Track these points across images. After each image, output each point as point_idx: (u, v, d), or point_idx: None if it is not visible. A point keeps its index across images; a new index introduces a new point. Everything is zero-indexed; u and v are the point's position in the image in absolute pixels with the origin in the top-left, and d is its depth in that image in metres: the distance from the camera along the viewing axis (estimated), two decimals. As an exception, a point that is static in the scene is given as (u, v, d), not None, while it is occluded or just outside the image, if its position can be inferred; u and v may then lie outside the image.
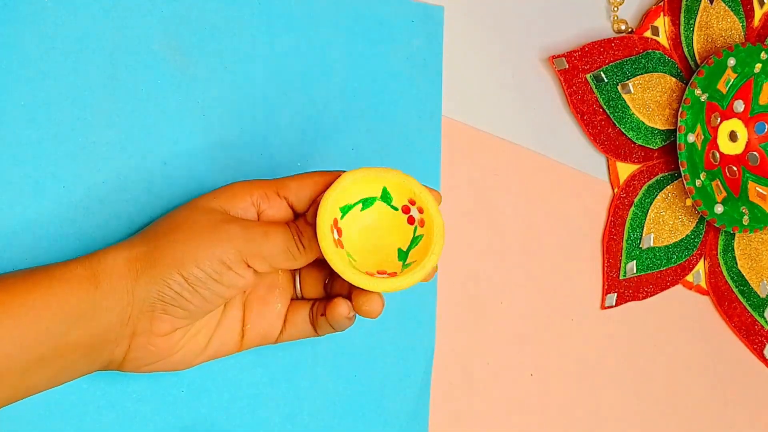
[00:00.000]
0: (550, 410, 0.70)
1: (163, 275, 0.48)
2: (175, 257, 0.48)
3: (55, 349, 0.47)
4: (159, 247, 0.49)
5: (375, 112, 0.62)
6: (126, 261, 0.49)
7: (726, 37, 0.74)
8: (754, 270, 0.76)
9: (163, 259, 0.48)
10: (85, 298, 0.48)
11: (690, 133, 0.71)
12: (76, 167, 0.53)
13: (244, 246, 0.49)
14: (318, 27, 0.61)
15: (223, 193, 0.52)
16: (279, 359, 0.59)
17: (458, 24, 0.66)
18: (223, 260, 0.49)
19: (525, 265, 0.69)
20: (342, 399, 0.61)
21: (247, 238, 0.49)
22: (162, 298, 0.49)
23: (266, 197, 0.52)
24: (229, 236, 0.49)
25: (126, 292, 0.48)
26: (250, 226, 0.50)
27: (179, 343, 0.51)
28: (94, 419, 0.54)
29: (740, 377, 0.77)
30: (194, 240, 0.49)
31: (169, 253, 0.49)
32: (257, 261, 0.50)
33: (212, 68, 0.57)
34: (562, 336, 0.70)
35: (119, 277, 0.48)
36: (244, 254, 0.49)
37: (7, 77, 0.52)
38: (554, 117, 0.70)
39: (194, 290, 0.49)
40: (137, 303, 0.49)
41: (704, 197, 0.71)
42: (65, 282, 0.48)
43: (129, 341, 0.49)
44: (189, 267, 0.48)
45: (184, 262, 0.48)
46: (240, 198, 0.51)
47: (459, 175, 0.66)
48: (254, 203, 0.52)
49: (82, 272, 0.48)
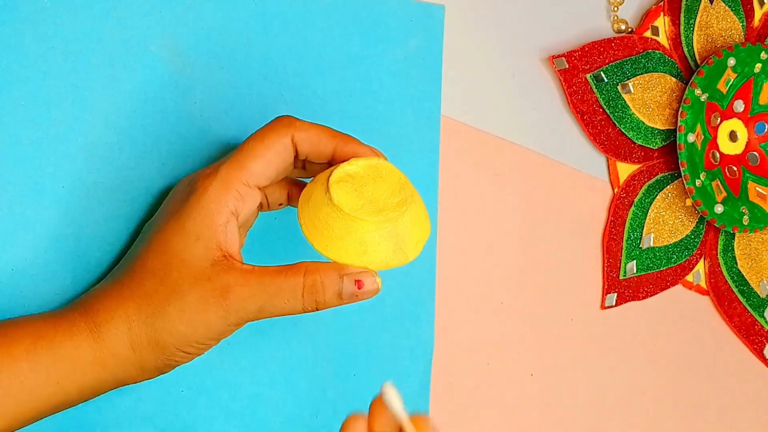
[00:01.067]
0: (550, 410, 0.70)
1: (167, 355, 0.49)
2: (175, 340, 0.49)
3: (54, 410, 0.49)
4: (157, 330, 0.49)
5: (374, 111, 0.62)
6: (130, 344, 0.49)
7: (726, 37, 0.74)
8: (754, 270, 0.76)
9: (164, 342, 0.49)
10: (90, 376, 0.49)
11: (690, 133, 0.71)
12: (76, 167, 0.53)
13: (241, 319, 0.49)
14: (316, 27, 0.60)
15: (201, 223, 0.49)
16: (279, 359, 0.59)
17: (458, 23, 0.66)
18: (221, 334, 0.49)
19: (525, 265, 0.69)
20: (342, 399, 0.61)
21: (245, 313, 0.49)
22: (169, 366, 0.50)
23: (240, 197, 0.50)
24: (226, 314, 0.49)
25: (135, 369, 0.50)
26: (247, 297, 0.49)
27: None
28: (94, 419, 0.54)
29: (740, 377, 0.77)
30: (191, 322, 0.48)
31: (168, 337, 0.49)
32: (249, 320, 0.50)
33: (210, 69, 0.57)
34: (562, 336, 0.70)
35: (125, 360, 0.49)
36: (241, 323, 0.49)
37: (7, 77, 0.52)
38: (554, 117, 0.70)
39: (197, 355, 0.50)
40: (146, 375, 0.50)
41: (704, 197, 0.71)
42: (69, 361, 0.48)
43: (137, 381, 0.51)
44: (190, 345, 0.49)
45: (184, 343, 0.49)
46: (218, 216, 0.49)
47: (458, 175, 0.66)
48: (232, 212, 0.50)
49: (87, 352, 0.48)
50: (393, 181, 0.51)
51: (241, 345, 0.58)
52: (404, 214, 0.50)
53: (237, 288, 0.48)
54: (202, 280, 0.49)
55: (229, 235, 0.50)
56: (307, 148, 0.52)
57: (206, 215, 0.49)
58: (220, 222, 0.49)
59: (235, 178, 0.50)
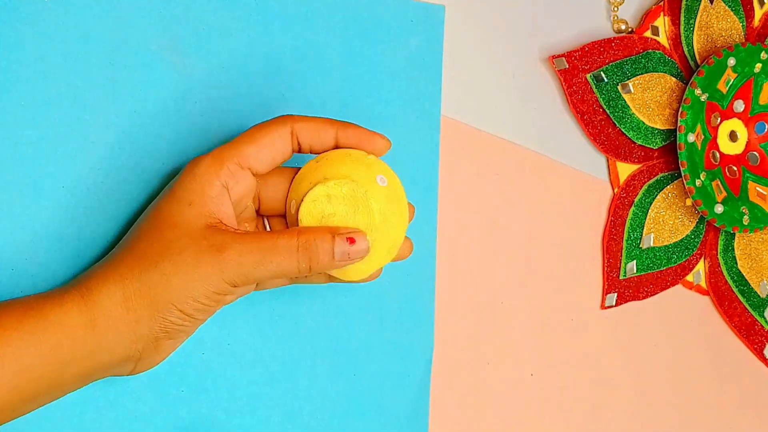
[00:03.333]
0: (550, 410, 0.70)
1: (163, 314, 0.48)
2: (170, 295, 0.48)
3: (49, 387, 0.47)
4: (153, 284, 0.48)
5: (374, 111, 0.62)
6: (123, 301, 0.48)
7: (726, 37, 0.74)
8: (754, 270, 0.76)
9: (159, 297, 0.48)
10: (82, 341, 0.47)
11: (690, 133, 0.71)
12: (76, 167, 0.53)
13: (238, 275, 0.49)
14: (316, 26, 0.61)
15: (193, 191, 0.50)
16: (279, 359, 0.59)
17: (458, 23, 0.66)
18: (217, 292, 0.49)
19: (525, 265, 0.69)
20: (342, 399, 0.61)
21: (241, 268, 0.49)
22: (165, 330, 0.49)
23: (232, 174, 0.51)
24: (222, 267, 0.49)
25: (128, 332, 0.48)
26: (244, 252, 0.49)
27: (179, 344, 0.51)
28: (94, 419, 0.54)
29: (740, 377, 0.77)
30: (186, 275, 0.48)
31: (163, 291, 0.48)
32: (247, 283, 0.50)
33: (210, 69, 0.57)
34: (562, 336, 0.70)
35: (119, 320, 0.48)
36: (238, 282, 0.49)
37: (7, 77, 0.52)
38: (554, 117, 0.70)
39: (194, 318, 0.49)
40: (140, 340, 0.49)
41: (704, 197, 0.71)
42: (59, 326, 0.47)
43: (135, 364, 0.50)
44: (186, 302, 0.49)
45: (180, 299, 0.48)
46: (210, 186, 0.50)
47: (458, 175, 0.66)
48: (224, 185, 0.51)
49: (77, 315, 0.47)
50: (363, 223, 0.52)
51: (241, 345, 0.58)
52: None
53: (233, 244, 0.49)
54: (198, 239, 0.49)
55: (222, 207, 0.50)
56: (307, 137, 0.52)
57: (198, 185, 0.50)
58: (212, 193, 0.50)
59: (227, 157, 0.51)
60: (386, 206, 0.52)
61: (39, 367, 0.46)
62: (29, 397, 0.47)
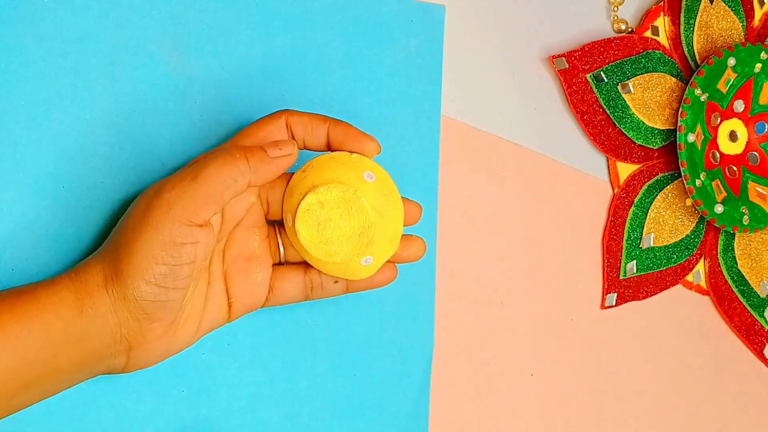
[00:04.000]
0: (550, 410, 0.70)
1: (133, 288, 0.47)
2: (134, 265, 0.47)
3: (43, 373, 0.47)
4: (120, 259, 0.48)
5: (374, 111, 0.62)
6: (103, 283, 0.48)
7: (726, 37, 0.74)
8: (754, 270, 0.76)
9: (126, 273, 0.47)
10: (71, 323, 0.47)
11: (690, 133, 0.71)
12: (76, 167, 0.53)
13: (179, 209, 0.47)
14: (316, 26, 0.61)
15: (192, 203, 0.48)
16: (279, 359, 0.59)
17: (458, 23, 0.66)
18: (172, 240, 0.47)
19: (525, 265, 0.69)
20: (342, 399, 0.61)
21: (179, 198, 0.47)
22: (142, 309, 0.48)
23: None
24: (162, 209, 0.47)
25: (111, 314, 0.48)
26: (176, 180, 0.48)
27: (174, 337, 0.51)
28: (94, 419, 0.54)
29: (740, 377, 0.77)
30: (143, 232, 0.47)
31: (128, 263, 0.47)
32: (200, 214, 0.48)
33: (210, 69, 0.57)
34: (562, 336, 0.70)
35: (101, 300, 0.48)
36: (184, 218, 0.47)
37: (7, 77, 0.52)
38: (554, 117, 0.70)
39: (166, 288, 0.48)
40: (123, 321, 0.48)
41: (704, 197, 0.71)
42: (50, 308, 0.47)
43: (127, 353, 0.50)
44: (149, 269, 0.47)
45: (142, 267, 0.47)
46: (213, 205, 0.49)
47: (458, 175, 0.66)
48: None
49: (67, 296, 0.47)
50: (359, 221, 0.52)
51: (241, 345, 0.58)
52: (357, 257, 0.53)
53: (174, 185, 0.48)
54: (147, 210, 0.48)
55: None
56: (300, 130, 0.53)
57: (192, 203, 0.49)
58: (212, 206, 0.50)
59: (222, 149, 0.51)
60: (378, 200, 0.53)
61: (33, 349, 0.46)
62: (24, 382, 0.46)
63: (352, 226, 0.53)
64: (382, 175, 0.54)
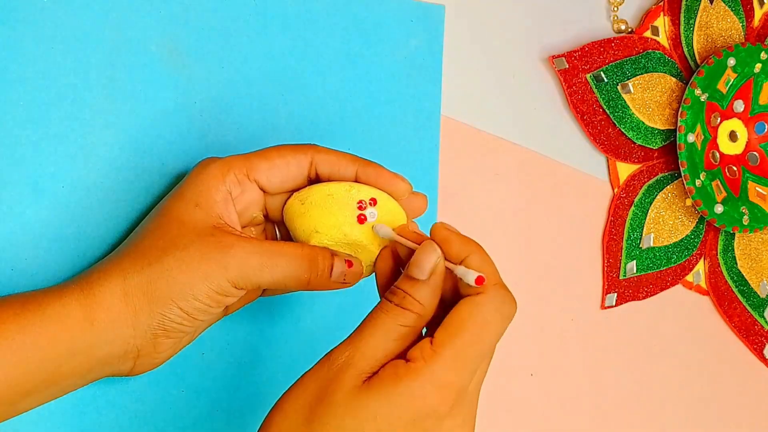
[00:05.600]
0: (550, 410, 0.70)
1: (162, 310, 0.48)
2: (171, 291, 0.48)
3: (47, 381, 0.47)
4: (154, 280, 0.48)
5: (373, 111, 0.62)
6: (123, 295, 0.48)
7: (726, 37, 0.74)
8: (754, 270, 0.76)
9: (160, 293, 0.48)
10: (80, 335, 0.47)
11: (690, 133, 0.71)
12: (76, 167, 0.53)
13: (242, 275, 0.49)
14: (316, 26, 0.61)
15: (200, 193, 0.50)
16: (279, 359, 0.59)
17: (458, 23, 0.66)
18: (219, 291, 0.48)
19: (525, 265, 0.69)
20: (342, 399, 0.61)
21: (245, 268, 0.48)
22: (163, 328, 0.49)
23: (237, 183, 0.51)
24: (227, 265, 0.48)
25: (127, 327, 0.48)
26: (250, 252, 0.49)
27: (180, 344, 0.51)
28: (94, 419, 0.54)
29: (740, 377, 0.77)
30: (189, 271, 0.48)
31: (165, 286, 0.48)
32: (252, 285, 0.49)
33: (209, 69, 0.57)
34: (562, 336, 0.70)
35: (118, 313, 0.48)
36: (240, 282, 0.49)
37: (7, 77, 0.52)
38: (554, 117, 0.70)
39: (193, 318, 0.49)
40: (139, 335, 0.48)
41: (704, 197, 0.71)
42: (57, 319, 0.47)
43: (134, 362, 0.50)
44: (187, 300, 0.48)
45: (181, 296, 0.48)
46: (215, 190, 0.50)
47: (458, 175, 0.66)
48: (228, 191, 0.51)
49: (76, 309, 0.47)
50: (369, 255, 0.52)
51: (241, 345, 0.58)
52: None
53: (240, 243, 0.49)
54: (204, 236, 0.49)
55: (227, 211, 0.50)
56: (327, 169, 0.52)
57: (204, 187, 0.50)
58: (217, 198, 0.50)
59: (236, 165, 0.51)
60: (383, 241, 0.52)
61: (36, 360, 0.46)
62: (26, 390, 0.46)
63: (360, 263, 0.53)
64: (383, 203, 0.52)
